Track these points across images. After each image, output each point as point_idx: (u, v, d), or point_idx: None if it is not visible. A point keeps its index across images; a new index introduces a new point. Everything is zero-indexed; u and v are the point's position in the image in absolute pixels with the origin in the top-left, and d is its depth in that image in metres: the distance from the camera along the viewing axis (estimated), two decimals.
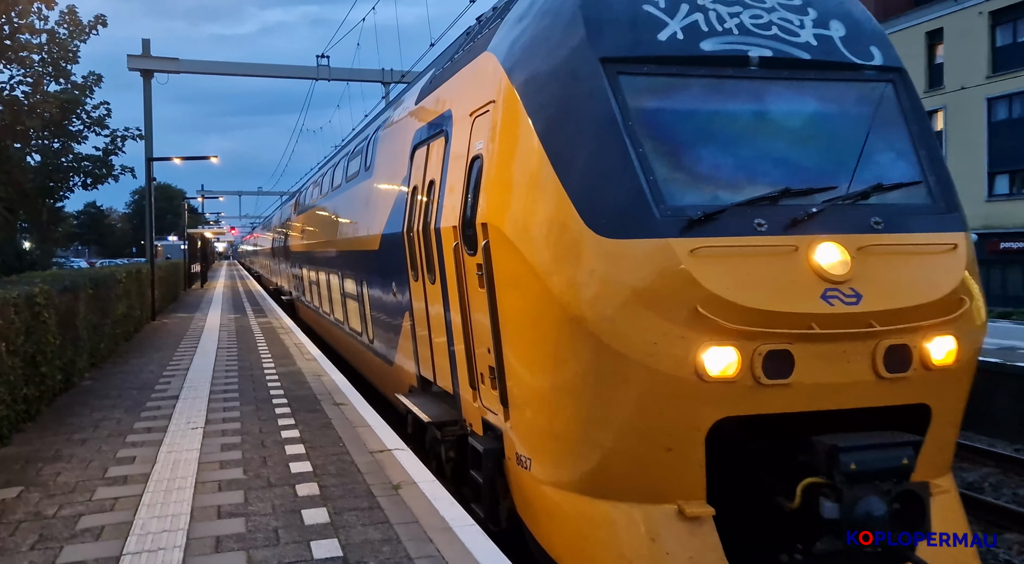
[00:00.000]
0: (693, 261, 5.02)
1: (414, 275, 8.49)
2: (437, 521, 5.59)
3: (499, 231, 5.78)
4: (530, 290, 5.44)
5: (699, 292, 4.97)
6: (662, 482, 5.22)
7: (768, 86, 5.82)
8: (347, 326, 14.32)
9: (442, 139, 7.67)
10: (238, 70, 32.37)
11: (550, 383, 5.43)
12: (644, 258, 5.07)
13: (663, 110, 5.65)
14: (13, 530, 5.58)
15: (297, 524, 5.60)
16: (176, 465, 7.17)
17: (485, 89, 6.49)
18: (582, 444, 5.35)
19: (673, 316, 4.99)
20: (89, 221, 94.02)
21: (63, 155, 27.89)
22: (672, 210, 5.19)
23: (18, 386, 8.54)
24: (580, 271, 5.16)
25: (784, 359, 5.08)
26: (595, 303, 5.08)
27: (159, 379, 12.02)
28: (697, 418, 5.10)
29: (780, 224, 5.24)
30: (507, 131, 5.94)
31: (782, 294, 5.07)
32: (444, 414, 7.72)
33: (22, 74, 25.33)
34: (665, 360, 4.99)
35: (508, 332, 5.80)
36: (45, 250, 31.58)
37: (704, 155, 5.58)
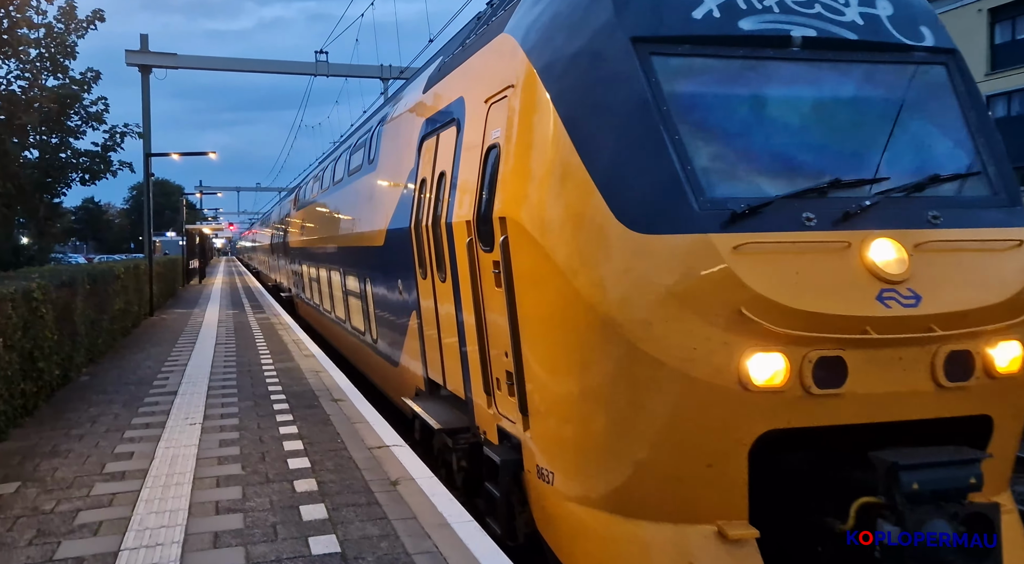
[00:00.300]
0: (736, 259, 4.62)
1: (422, 272, 8.08)
2: (435, 517, 5.59)
3: (519, 226, 5.37)
4: (554, 290, 5.05)
5: (743, 293, 4.58)
6: (700, 500, 4.80)
7: (812, 68, 5.40)
8: (349, 325, 13.90)
9: (453, 129, 7.23)
10: (237, 66, 32.35)
11: (576, 391, 5.01)
12: (682, 255, 4.67)
13: (699, 94, 5.20)
14: (11, 525, 5.58)
15: (295, 520, 5.60)
16: (174, 461, 7.17)
17: (502, 73, 6.03)
18: (611, 458, 4.94)
19: (714, 319, 4.60)
20: (87, 217, 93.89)
21: (61, 150, 27.82)
22: (712, 203, 4.78)
23: (16, 381, 8.53)
24: (610, 270, 4.78)
25: (836, 366, 4.69)
26: (627, 305, 4.69)
27: (157, 375, 12.01)
28: (740, 431, 4.70)
29: (830, 218, 4.83)
30: (527, 118, 5.50)
31: (834, 295, 4.66)
32: (455, 420, 7.32)
33: (19, 69, 25.26)
34: (705, 367, 4.61)
35: (528, 335, 5.40)
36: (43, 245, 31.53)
37: (744, 143, 5.17)
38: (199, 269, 46.47)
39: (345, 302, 13.99)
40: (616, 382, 4.80)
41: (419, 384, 8.86)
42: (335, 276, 14.98)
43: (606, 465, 4.98)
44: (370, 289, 11.30)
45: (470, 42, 7.62)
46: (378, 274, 10.62)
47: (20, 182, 26.07)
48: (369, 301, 11.49)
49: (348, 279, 13.39)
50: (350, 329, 13.85)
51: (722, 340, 4.60)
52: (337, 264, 14.63)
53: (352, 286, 13.00)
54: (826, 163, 5.14)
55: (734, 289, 4.59)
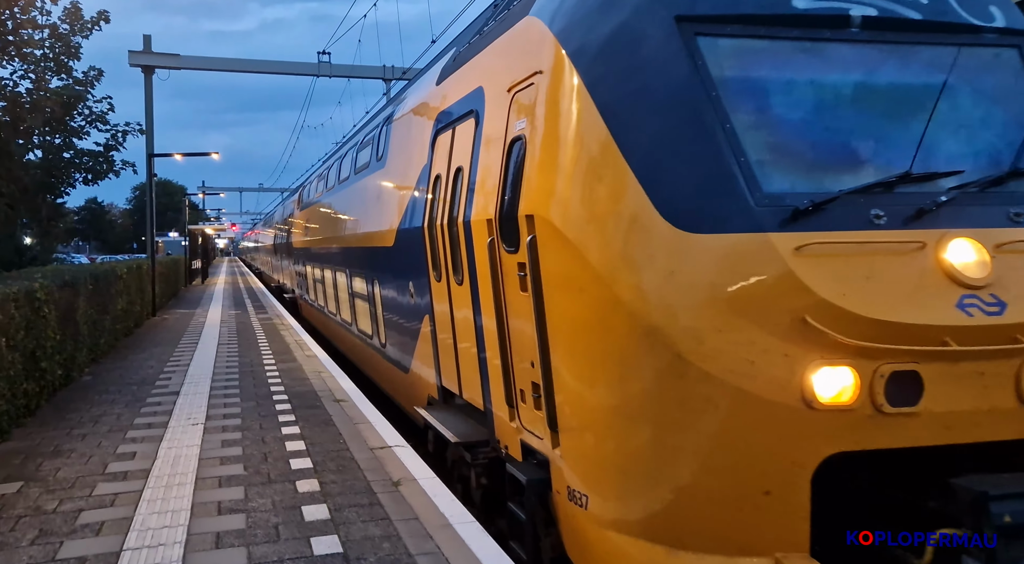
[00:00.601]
0: (799, 261, 4.19)
1: (436, 275, 7.61)
2: (437, 518, 5.58)
3: (549, 225, 4.92)
4: (589, 295, 4.62)
5: (808, 299, 4.15)
6: (757, 530, 4.32)
7: (873, 51, 4.94)
8: (355, 328, 13.32)
9: (471, 121, 6.77)
10: (239, 66, 32.39)
11: (615, 407, 4.55)
12: (737, 257, 4.24)
13: (751, 79, 4.76)
14: (13, 525, 5.58)
15: (297, 520, 5.60)
16: (176, 461, 7.16)
17: (528, 59, 5.54)
18: (655, 481, 4.45)
19: (775, 328, 4.17)
20: (90, 217, 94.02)
21: (64, 150, 27.89)
22: (769, 198, 4.37)
23: (18, 381, 8.54)
24: (654, 273, 4.35)
25: (911, 382, 4.23)
26: (674, 312, 4.27)
27: (159, 375, 12.02)
28: (803, 454, 4.23)
29: (901, 216, 4.40)
30: (559, 106, 5.02)
31: (909, 302, 4.21)
32: (473, 433, 6.80)
33: (24, 69, 25.32)
34: (765, 383, 4.17)
35: (560, 344, 4.93)
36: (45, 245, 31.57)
37: (801, 133, 4.72)
38: (201, 269, 46.52)
39: (351, 304, 13.46)
40: (661, 398, 4.36)
41: (432, 392, 8.38)
42: (341, 277, 14.46)
43: (649, 489, 4.49)
44: (378, 291, 10.81)
45: (489, 29, 7.14)
46: (387, 276, 10.15)
47: (23, 183, 26.11)
48: (377, 304, 10.98)
49: (355, 281, 12.90)
50: (356, 332, 13.32)
51: (783, 352, 4.18)
52: (343, 265, 14.06)
53: (359, 288, 12.47)
54: (892, 155, 4.68)
55: (797, 295, 4.17)
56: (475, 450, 6.55)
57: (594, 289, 4.58)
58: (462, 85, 7.36)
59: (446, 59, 8.90)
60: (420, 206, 8.24)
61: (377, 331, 11.26)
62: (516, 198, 5.42)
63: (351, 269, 13.17)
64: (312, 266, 19.54)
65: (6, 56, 23.66)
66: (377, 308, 11.01)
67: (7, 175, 24.57)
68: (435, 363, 8.01)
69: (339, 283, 14.76)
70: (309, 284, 20.80)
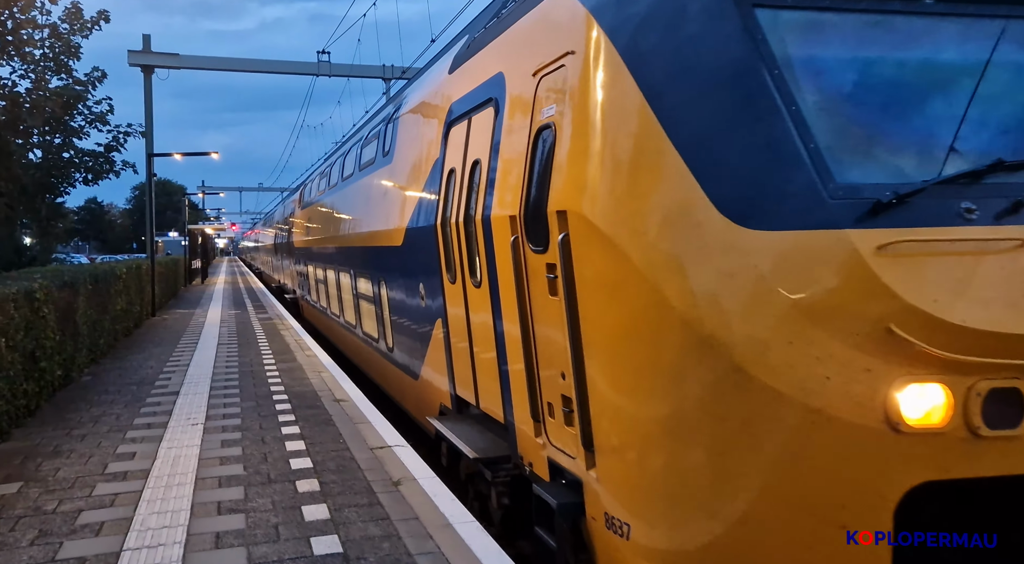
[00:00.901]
0: (882, 262, 3.69)
1: (451, 276, 7.17)
2: (437, 518, 5.58)
3: (584, 221, 4.44)
4: (634, 299, 4.15)
5: (893, 305, 3.65)
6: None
7: (949, 25, 4.42)
8: (360, 330, 12.81)
9: (490, 110, 6.30)
10: (239, 66, 32.39)
11: (664, 425, 4.06)
12: (809, 257, 3.76)
13: (817, 55, 4.28)
14: (13, 525, 5.57)
15: (297, 520, 5.59)
16: (176, 461, 7.16)
17: (557, 39, 5.07)
18: (709, 510, 3.96)
19: (854, 339, 3.68)
20: (89, 217, 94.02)
21: (64, 150, 27.89)
22: (845, 190, 3.85)
23: (18, 381, 8.54)
24: (713, 274, 3.87)
25: (1012, 401, 3.75)
26: (735, 319, 3.80)
27: (159, 375, 12.02)
28: (885, 483, 3.73)
29: (994, 209, 3.86)
30: (595, 89, 4.54)
31: (1010, 309, 3.70)
32: (491, 447, 6.34)
33: (24, 69, 25.31)
34: (842, 401, 3.68)
35: (597, 354, 4.45)
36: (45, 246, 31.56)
37: (876, 116, 4.21)
38: (201, 269, 46.52)
39: (356, 306, 12.92)
40: (718, 416, 3.87)
41: (444, 401, 7.89)
42: (345, 278, 13.91)
43: (701, 518, 3.99)
44: (385, 293, 10.26)
45: (508, 11, 6.67)
46: (395, 276, 9.63)
47: (23, 182, 26.11)
48: (384, 306, 10.43)
49: (360, 281, 12.39)
50: (361, 335, 12.79)
51: (864, 366, 3.68)
52: (347, 265, 13.54)
53: (364, 289, 11.94)
54: (978, 141, 4.16)
55: (880, 300, 3.66)
56: (496, 467, 6.09)
57: (638, 292, 4.12)
58: (479, 72, 6.85)
59: (459, 46, 8.43)
60: (432, 203, 7.79)
61: (384, 334, 10.77)
62: (544, 192, 4.96)
63: (356, 270, 12.67)
64: (314, 266, 19.08)
65: (5, 56, 23.65)
66: (384, 310, 10.50)
67: (7, 175, 24.57)
68: (448, 370, 7.58)
69: (343, 284, 14.23)
70: (311, 284, 20.37)
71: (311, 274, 20.04)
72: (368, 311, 11.86)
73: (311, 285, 20.38)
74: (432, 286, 7.83)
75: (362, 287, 12.22)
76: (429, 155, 8.22)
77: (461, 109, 7.22)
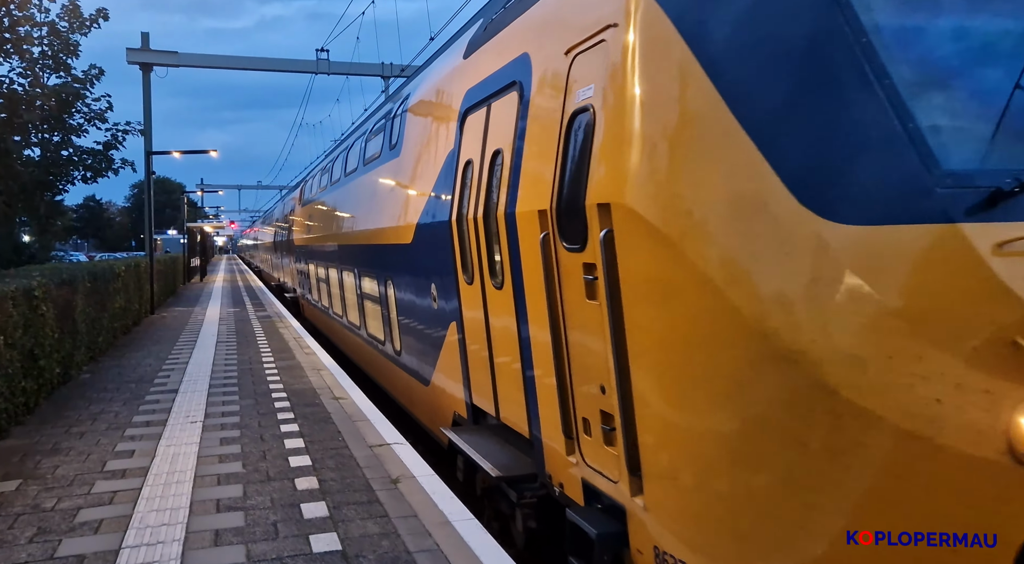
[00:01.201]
0: (1004, 261, 3.09)
1: (467, 276, 6.68)
2: (436, 515, 5.58)
3: (632, 215, 3.91)
4: (693, 304, 3.65)
5: (1018, 313, 3.05)
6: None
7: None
8: (365, 332, 12.24)
9: (512, 95, 5.76)
10: (238, 64, 32.37)
11: (730, 450, 3.56)
12: (913, 256, 3.21)
13: (911, 24, 3.68)
14: (12, 523, 5.57)
15: (296, 518, 5.60)
16: (175, 458, 7.16)
17: (595, 12, 4.57)
18: (784, 550, 3.45)
19: (970, 354, 3.08)
20: (88, 215, 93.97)
21: (63, 148, 27.90)
22: (954, 177, 3.26)
23: (16, 379, 8.54)
24: (791, 275, 3.36)
25: None
26: (823, 330, 3.25)
27: (158, 373, 12.02)
28: (1006, 526, 3.11)
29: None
30: (644, 66, 4.03)
31: None
32: (515, 464, 5.78)
33: (22, 67, 25.30)
34: (956, 428, 3.08)
35: (646, 367, 3.94)
36: (44, 243, 31.55)
37: (982, 92, 3.57)
38: (200, 267, 46.51)
39: (360, 306, 12.39)
40: (798, 443, 3.33)
41: (459, 409, 7.33)
42: (348, 277, 13.40)
43: (773, 558, 3.51)
44: (393, 293, 9.70)
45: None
46: (404, 276, 9.08)
47: (22, 180, 26.11)
48: (391, 307, 9.87)
49: (365, 281, 11.85)
50: (366, 337, 12.17)
51: (982, 387, 3.07)
52: (351, 264, 12.97)
53: (370, 289, 11.42)
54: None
55: (1003, 307, 3.06)
56: (521, 486, 5.57)
57: (699, 296, 3.60)
58: (499, 54, 6.32)
59: (473, 30, 7.87)
60: (445, 198, 7.28)
61: (391, 336, 10.15)
62: (581, 183, 4.44)
63: (361, 269, 12.10)
64: (316, 265, 18.67)
65: (3, 54, 23.64)
66: (391, 312, 9.93)
67: (6, 173, 24.55)
68: (464, 377, 7.05)
69: (346, 283, 13.68)
70: (312, 283, 19.91)
71: (312, 273, 19.63)
72: (374, 312, 11.28)
73: (312, 284, 19.95)
74: (446, 287, 7.32)
75: (367, 287, 11.68)
76: (442, 146, 7.68)
77: (479, 95, 6.66)
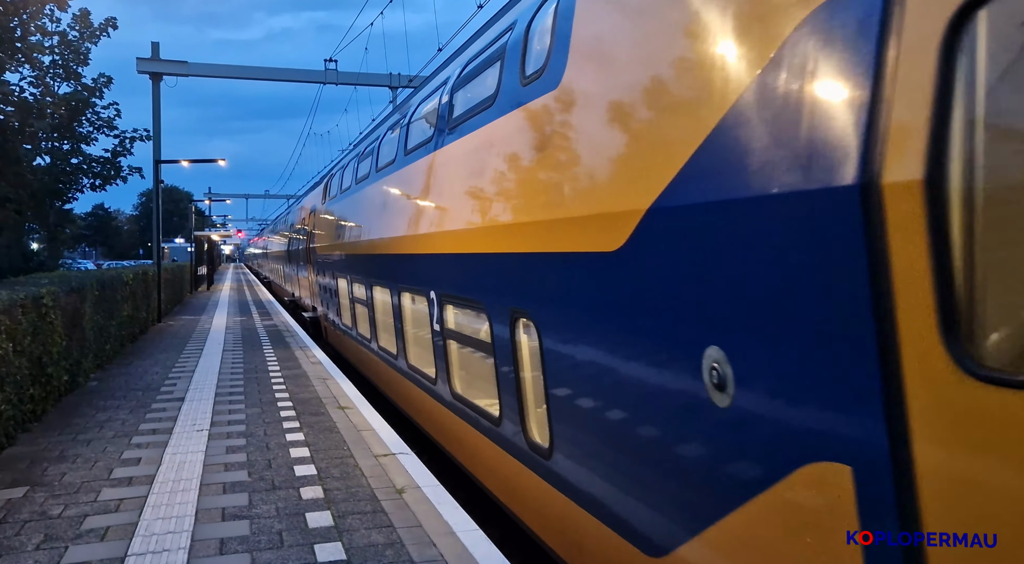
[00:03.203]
0: None
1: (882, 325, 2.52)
2: (441, 525, 5.59)
3: None
4: None
5: None
6: None
7: None
8: (447, 390, 7.87)
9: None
10: (247, 74, 32.55)
11: None
12: None
13: None
14: (19, 529, 5.60)
15: (301, 527, 5.61)
16: (181, 466, 7.19)
17: None
18: None
19: None
20: (96, 223, 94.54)
21: (72, 156, 28.15)
22: None
23: (25, 386, 8.59)
24: None
25: None
26: None
27: (164, 381, 12.06)
28: None
29: None
30: None
31: None
32: None
33: (33, 76, 25.57)
34: None
35: None
36: (52, 251, 31.74)
37: None
38: (207, 275, 46.66)
39: (440, 351, 7.96)
40: None
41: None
42: (410, 303, 9.45)
43: None
44: (537, 343, 5.33)
45: None
46: (580, 312, 4.74)
47: (32, 188, 26.32)
48: (522, 363, 5.83)
49: (449, 312, 7.70)
50: (450, 400, 7.83)
51: None
52: (421, 285, 8.54)
53: (466, 326, 7.39)
54: None
55: None
56: None
57: None
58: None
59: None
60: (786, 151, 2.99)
61: (522, 416, 5.91)
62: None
63: (442, 292, 7.69)
64: (348, 280, 14.17)
65: (15, 62, 23.87)
66: (522, 371, 5.87)
67: (16, 181, 24.74)
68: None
69: (407, 311, 9.65)
70: (341, 304, 15.46)
71: (341, 290, 15.27)
72: (479, 365, 7.19)
73: (341, 305, 15.55)
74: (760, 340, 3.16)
75: (458, 324, 7.60)
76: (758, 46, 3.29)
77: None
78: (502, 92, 6.28)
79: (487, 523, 6.58)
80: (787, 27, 3.11)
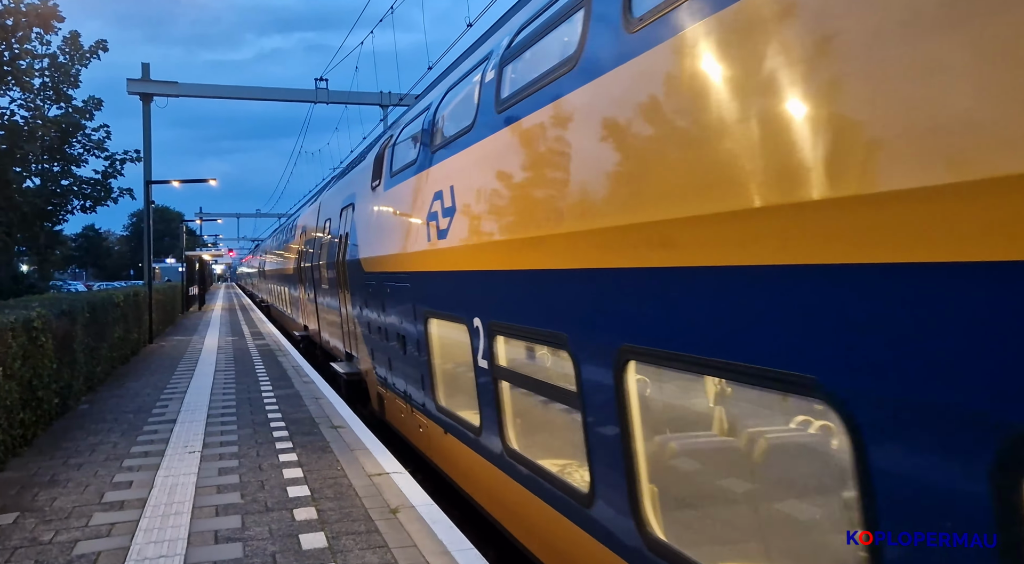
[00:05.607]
0: None
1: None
2: (435, 545, 5.56)
3: None
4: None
5: None
6: None
7: None
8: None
9: None
10: (238, 93, 32.60)
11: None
12: None
13: None
14: (9, 556, 5.54)
15: (294, 548, 5.57)
16: (173, 489, 7.14)
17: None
18: None
19: None
20: (87, 244, 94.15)
21: (63, 178, 28.12)
22: None
23: (15, 411, 8.53)
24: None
25: None
26: None
27: (156, 403, 11.99)
28: None
29: None
30: None
31: None
32: None
33: (23, 99, 25.57)
34: None
35: None
36: (43, 273, 31.61)
37: None
38: (199, 296, 46.49)
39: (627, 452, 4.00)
40: None
41: None
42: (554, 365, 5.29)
43: None
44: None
45: None
46: None
47: (22, 210, 26.24)
48: None
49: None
50: None
51: None
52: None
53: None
54: None
55: None
56: None
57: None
58: None
59: None
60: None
61: None
62: None
63: None
64: (440, 319, 7.55)
65: (5, 86, 23.88)
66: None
67: (6, 203, 24.68)
68: None
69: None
70: (418, 361, 8.43)
71: (430, 341, 8.05)
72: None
73: (439, 367, 8.12)
74: None
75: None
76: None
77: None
78: None
79: (485, 543, 6.62)
80: None
